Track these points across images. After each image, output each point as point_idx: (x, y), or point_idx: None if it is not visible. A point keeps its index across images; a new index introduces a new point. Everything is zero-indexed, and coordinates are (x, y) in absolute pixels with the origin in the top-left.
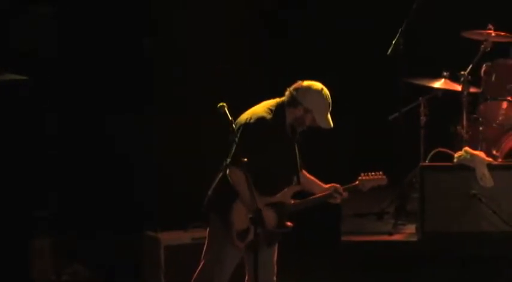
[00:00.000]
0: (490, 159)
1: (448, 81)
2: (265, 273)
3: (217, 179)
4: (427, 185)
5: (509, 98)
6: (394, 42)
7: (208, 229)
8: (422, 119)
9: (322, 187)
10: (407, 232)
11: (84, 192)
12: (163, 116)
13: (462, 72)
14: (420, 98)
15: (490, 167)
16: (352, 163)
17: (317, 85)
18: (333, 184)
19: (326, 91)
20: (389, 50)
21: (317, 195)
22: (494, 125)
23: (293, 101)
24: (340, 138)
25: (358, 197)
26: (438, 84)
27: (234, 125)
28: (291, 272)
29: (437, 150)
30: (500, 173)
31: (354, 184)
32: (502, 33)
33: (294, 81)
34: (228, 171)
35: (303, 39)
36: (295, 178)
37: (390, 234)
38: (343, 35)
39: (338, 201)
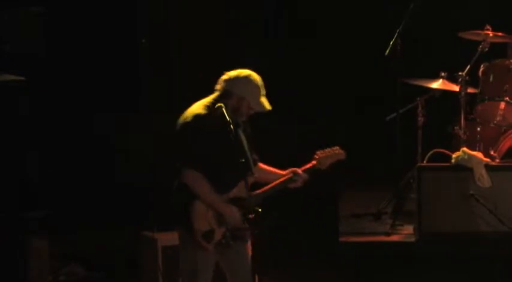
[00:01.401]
0: (488, 159)
1: (445, 81)
2: (243, 275)
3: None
4: (424, 186)
5: (507, 99)
6: (391, 42)
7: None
8: (420, 119)
9: (280, 175)
10: (405, 232)
11: (80, 192)
12: (163, 115)
13: (460, 73)
14: (418, 99)
15: (487, 168)
16: (350, 163)
17: (245, 72)
18: (291, 168)
19: (255, 75)
20: (387, 51)
21: (276, 182)
22: (492, 125)
23: (226, 93)
24: (338, 138)
25: (356, 198)
26: (436, 84)
27: (231, 126)
28: (290, 273)
29: (435, 150)
30: (498, 174)
31: (311, 163)
32: (500, 34)
33: (293, 81)
34: (182, 175)
35: (302, 39)
36: (249, 171)
37: (388, 234)
38: (342, 35)
39: (299, 184)
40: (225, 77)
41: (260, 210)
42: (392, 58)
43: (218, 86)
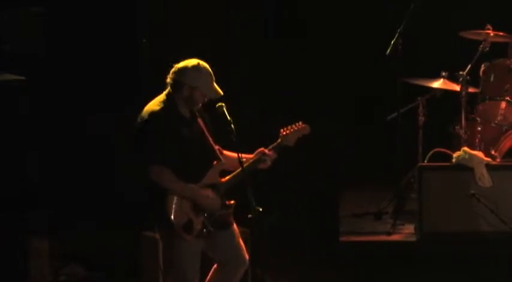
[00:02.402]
0: (489, 159)
1: (446, 81)
2: (236, 256)
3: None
4: (425, 185)
5: (507, 98)
6: (392, 42)
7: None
8: (421, 119)
9: (248, 159)
10: (406, 232)
11: (80, 192)
12: None
13: (461, 73)
14: (419, 98)
15: (488, 167)
16: (351, 163)
17: (192, 61)
18: (258, 150)
19: (202, 63)
20: (388, 50)
21: (245, 164)
22: (492, 125)
23: (176, 85)
24: (338, 138)
25: (356, 198)
26: (437, 84)
27: (232, 125)
28: (290, 273)
29: (435, 150)
30: (498, 173)
31: (278, 142)
32: (501, 33)
33: (293, 81)
34: (148, 173)
35: (301, 39)
36: (214, 158)
37: (389, 234)
38: (342, 35)
39: (268, 164)
40: (173, 69)
41: (261, 209)
42: (393, 58)
43: (168, 79)
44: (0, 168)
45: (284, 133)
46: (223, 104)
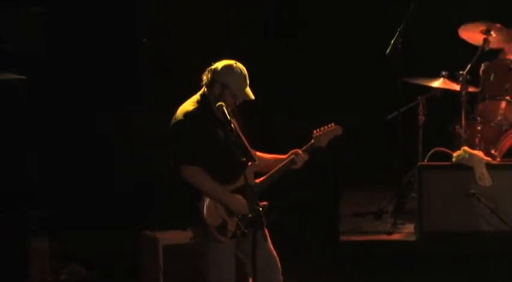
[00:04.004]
0: (489, 158)
1: (446, 80)
2: (270, 271)
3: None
4: (425, 185)
5: (507, 98)
6: (392, 41)
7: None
8: (421, 118)
9: (280, 159)
10: (406, 231)
11: (80, 192)
12: (163, 115)
13: (461, 72)
14: (419, 98)
15: (488, 167)
16: (351, 163)
17: (229, 61)
18: (291, 151)
19: (239, 65)
20: (388, 50)
21: (280, 165)
22: (492, 124)
23: (210, 83)
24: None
25: (357, 197)
26: (437, 83)
27: (232, 125)
28: (290, 272)
29: (435, 149)
30: (498, 173)
31: (310, 143)
32: None
33: (293, 81)
34: (181, 173)
35: (301, 39)
36: (249, 159)
37: (389, 233)
38: (342, 35)
39: (299, 165)
40: (208, 68)
41: (261, 209)
42: (393, 57)
43: (204, 78)
44: (0, 168)
45: (316, 134)
46: (223, 104)
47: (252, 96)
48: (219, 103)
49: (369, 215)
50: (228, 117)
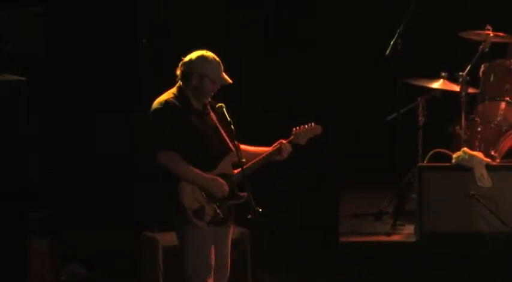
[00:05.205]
0: (488, 159)
1: (446, 81)
2: (225, 270)
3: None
4: (425, 186)
5: (507, 99)
6: (392, 42)
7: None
8: (421, 119)
9: (264, 151)
10: (406, 232)
11: (80, 192)
12: None
13: (460, 73)
14: (418, 99)
15: (488, 168)
16: (350, 164)
17: (200, 51)
18: (278, 141)
19: (209, 53)
20: (388, 51)
21: (266, 153)
22: (492, 125)
23: (185, 75)
24: (338, 138)
25: (357, 198)
26: (436, 84)
27: (232, 126)
28: (290, 273)
29: (435, 150)
30: (498, 174)
31: (289, 139)
32: (500, 34)
33: (293, 81)
34: (157, 159)
35: (301, 40)
36: (227, 149)
37: (389, 234)
38: (342, 35)
39: (284, 156)
40: (180, 63)
41: (260, 210)
42: (392, 58)
43: (178, 72)
44: (1, 168)
45: (296, 131)
46: (223, 105)
47: (230, 80)
48: (219, 104)
49: (368, 216)
50: (228, 118)
